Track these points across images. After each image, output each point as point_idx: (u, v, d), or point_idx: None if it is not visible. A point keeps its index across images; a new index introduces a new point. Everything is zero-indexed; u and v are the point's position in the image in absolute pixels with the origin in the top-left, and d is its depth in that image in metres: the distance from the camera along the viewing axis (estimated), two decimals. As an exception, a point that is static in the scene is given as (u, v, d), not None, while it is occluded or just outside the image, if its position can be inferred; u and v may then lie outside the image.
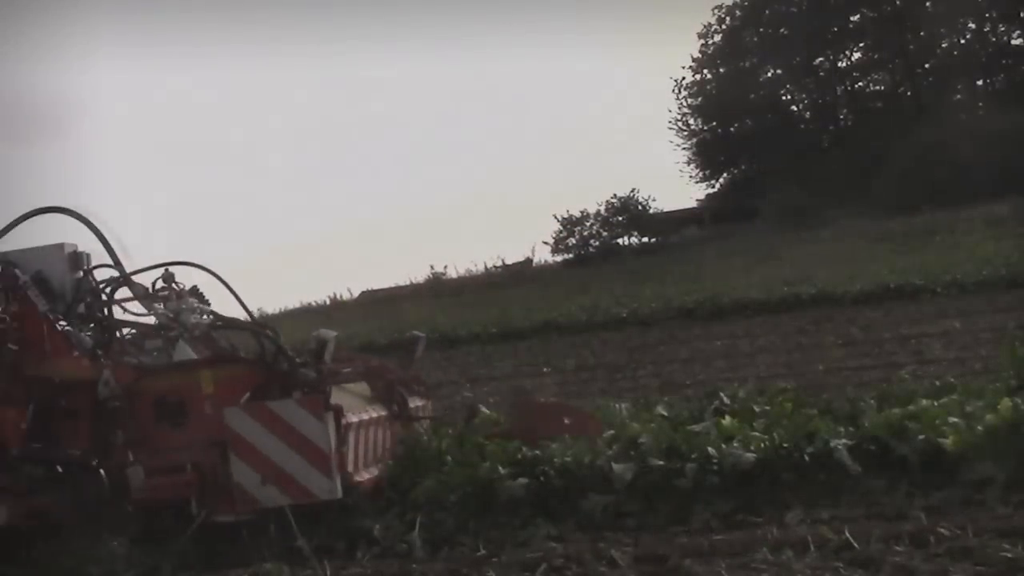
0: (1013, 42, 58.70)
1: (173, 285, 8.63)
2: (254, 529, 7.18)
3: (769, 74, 63.05)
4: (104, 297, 8.26)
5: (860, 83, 63.76)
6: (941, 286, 23.25)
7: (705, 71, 63.87)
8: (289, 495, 7.18)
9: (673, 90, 63.65)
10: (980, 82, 59.65)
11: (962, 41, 60.04)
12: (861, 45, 62.30)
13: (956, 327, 17.35)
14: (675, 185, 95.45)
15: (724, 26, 63.37)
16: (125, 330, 8.47)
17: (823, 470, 7.10)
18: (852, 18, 61.41)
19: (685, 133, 63.76)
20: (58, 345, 7.80)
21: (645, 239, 52.97)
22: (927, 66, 60.65)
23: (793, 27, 60.38)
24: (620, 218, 52.99)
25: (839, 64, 63.01)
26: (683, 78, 63.74)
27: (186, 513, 7.30)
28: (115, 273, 8.30)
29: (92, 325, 8.15)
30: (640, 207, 53.43)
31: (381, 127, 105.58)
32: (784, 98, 64.23)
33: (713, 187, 64.27)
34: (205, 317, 8.50)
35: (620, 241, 53.04)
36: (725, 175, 64.11)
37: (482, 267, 50.67)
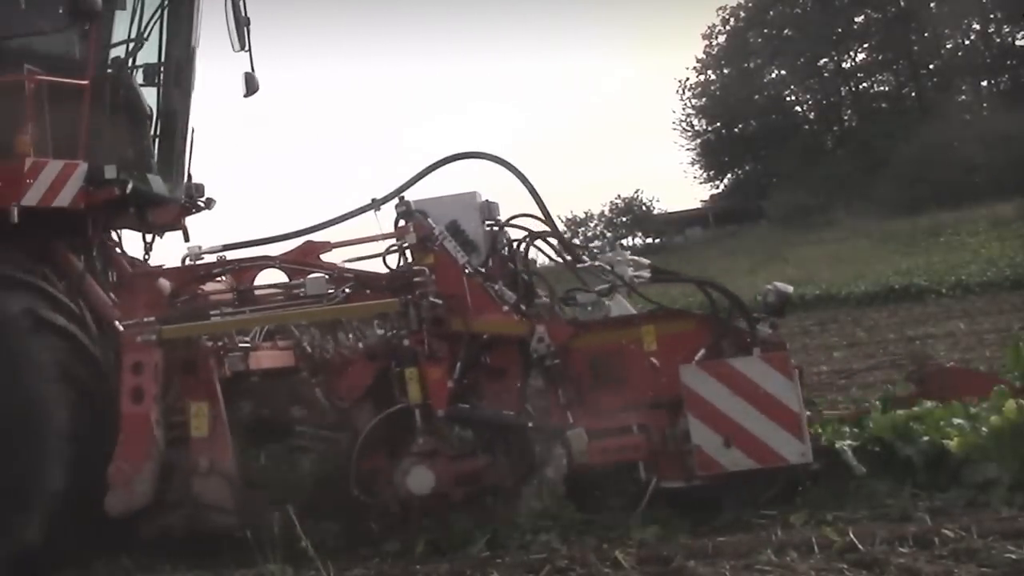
0: (1017, 43, 58.75)
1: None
2: (256, 529, 7.12)
3: (773, 75, 63.08)
4: (524, 248, 7.74)
5: (864, 84, 63.76)
6: (946, 287, 23.22)
7: (709, 72, 63.99)
8: (755, 459, 6.76)
9: (677, 91, 63.85)
10: (984, 83, 59.68)
11: (966, 42, 60.05)
12: (865, 46, 62.28)
13: (961, 328, 17.31)
14: (679, 186, 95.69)
15: (728, 27, 63.47)
16: (552, 284, 7.90)
17: (827, 472, 7.08)
18: (856, 19, 61.40)
19: (689, 134, 63.89)
20: (481, 299, 7.27)
21: (649, 240, 53.06)
22: (931, 67, 60.64)
23: (797, 28, 60.41)
24: (624, 219, 53.14)
25: (843, 65, 62.99)
26: (687, 79, 63.88)
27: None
28: (534, 223, 7.82)
29: (515, 278, 7.59)
30: (644, 208, 53.64)
31: (380, 126, 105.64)
32: (788, 99, 64.24)
33: (717, 188, 64.40)
34: (642, 270, 7.92)
35: (624, 242, 53.08)
36: (729, 176, 64.17)
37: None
